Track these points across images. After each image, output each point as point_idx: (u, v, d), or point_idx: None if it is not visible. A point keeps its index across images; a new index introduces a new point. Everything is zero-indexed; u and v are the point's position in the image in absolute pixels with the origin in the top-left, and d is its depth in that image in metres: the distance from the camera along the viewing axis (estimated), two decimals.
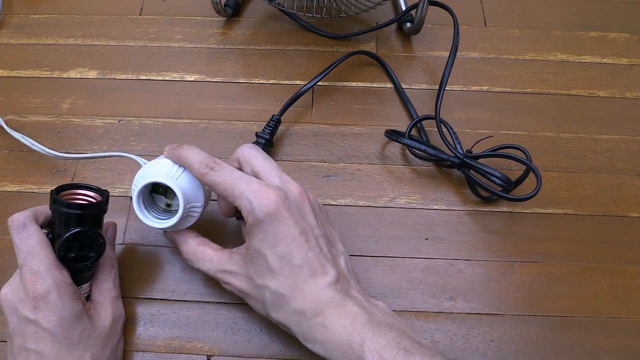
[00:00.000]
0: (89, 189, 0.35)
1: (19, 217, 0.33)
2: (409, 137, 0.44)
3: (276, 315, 0.32)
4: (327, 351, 0.30)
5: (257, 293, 0.33)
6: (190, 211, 0.36)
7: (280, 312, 0.32)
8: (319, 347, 0.30)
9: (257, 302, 0.34)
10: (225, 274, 0.34)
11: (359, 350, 0.28)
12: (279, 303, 0.32)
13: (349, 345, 0.28)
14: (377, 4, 0.49)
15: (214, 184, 0.33)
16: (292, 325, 0.31)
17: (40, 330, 0.31)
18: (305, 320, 0.31)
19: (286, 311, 0.31)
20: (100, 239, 0.34)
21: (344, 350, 0.29)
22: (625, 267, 0.41)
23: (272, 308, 0.32)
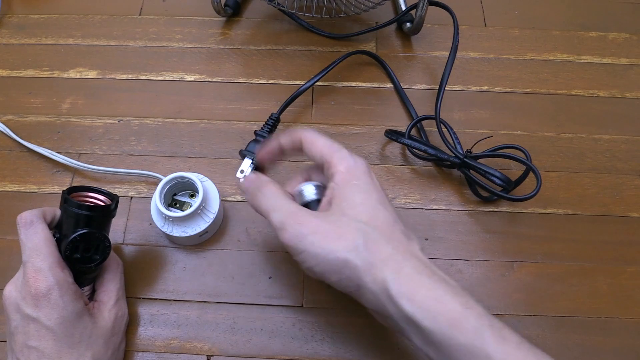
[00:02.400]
0: (100, 193, 0.36)
1: (27, 215, 0.33)
2: (409, 137, 0.44)
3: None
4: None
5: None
6: (203, 211, 0.40)
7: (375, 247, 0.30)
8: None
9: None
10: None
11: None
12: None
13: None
14: (377, 4, 0.49)
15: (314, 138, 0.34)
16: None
17: (41, 328, 0.32)
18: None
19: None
20: (106, 242, 0.35)
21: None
22: (625, 267, 0.41)
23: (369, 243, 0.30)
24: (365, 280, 0.29)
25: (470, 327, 0.27)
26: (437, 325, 0.27)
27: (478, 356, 0.26)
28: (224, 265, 0.41)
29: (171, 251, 0.42)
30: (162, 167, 0.45)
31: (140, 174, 0.44)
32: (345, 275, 0.30)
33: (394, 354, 0.38)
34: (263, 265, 0.41)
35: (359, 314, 0.39)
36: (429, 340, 0.28)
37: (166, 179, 0.40)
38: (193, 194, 0.43)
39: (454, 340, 0.27)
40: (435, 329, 0.27)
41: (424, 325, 0.28)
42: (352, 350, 0.38)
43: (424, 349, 0.29)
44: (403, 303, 0.28)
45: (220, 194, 0.42)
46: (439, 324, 0.27)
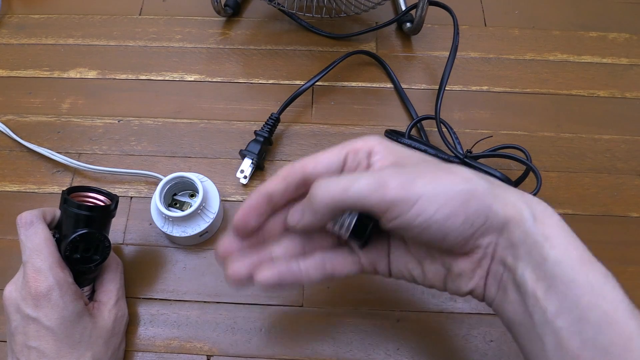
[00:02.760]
0: (99, 193, 0.36)
1: (27, 215, 0.33)
2: (409, 137, 0.44)
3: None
4: None
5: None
6: (203, 211, 0.40)
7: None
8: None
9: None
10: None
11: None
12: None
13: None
14: (377, 4, 0.49)
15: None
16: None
17: (41, 329, 0.32)
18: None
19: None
20: (106, 243, 0.35)
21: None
22: (625, 267, 0.41)
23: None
24: (495, 208, 0.26)
25: (602, 270, 0.25)
26: (566, 257, 0.25)
27: (604, 300, 0.24)
28: None
29: (171, 251, 0.42)
30: (162, 167, 0.45)
31: (140, 174, 0.44)
32: (473, 209, 0.25)
33: (394, 354, 0.38)
34: None
35: (359, 314, 0.39)
36: (547, 274, 0.25)
37: (166, 179, 0.40)
38: (193, 194, 0.43)
39: (582, 276, 0.25)
40: (565, 260, 0.25)
41: (552, 254, 0.25)
42: (352, 350, 0.38)
43: (533, 285, 0.25)
44: (536, 227, 0.25)
45: (220, 194, 0.42)
46: (569, 256, 0.25)
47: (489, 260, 0.27)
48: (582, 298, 0.24)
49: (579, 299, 0.24)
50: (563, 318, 0.24)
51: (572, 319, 0.24)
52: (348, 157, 0.29)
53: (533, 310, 0.25)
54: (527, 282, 0.25)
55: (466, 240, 0.26)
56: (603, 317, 0.24)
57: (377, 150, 0.28)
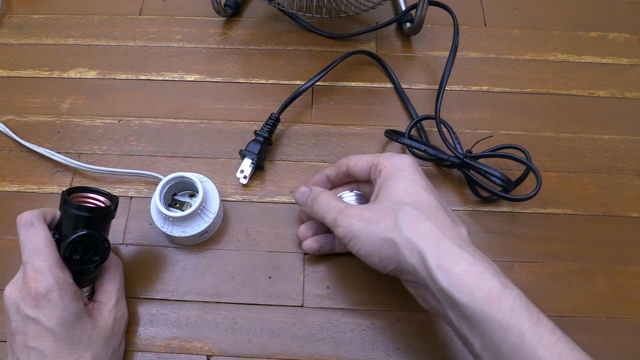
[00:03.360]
0: (99, 194, 0.36)
1: (27, 215, 0.33)
2: (409, 137, 0.44)
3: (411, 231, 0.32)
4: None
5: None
6: (203, 211, 0.40)
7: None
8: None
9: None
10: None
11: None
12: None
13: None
14: (377, 4, 0.49)
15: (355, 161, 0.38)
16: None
17: (41, 329, 0.32)
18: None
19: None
20: (105, 244, 0.35)
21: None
22: (625, 267, 0.41)
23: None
24: (404, 255, 0.31)
25: (508, 305, 0.28)
26: (473, 300, 0.28)
27: (512, 334, 0.27)
28: (224, 265, 0.41)
29: (171, 251, 0.42)
30: (162, 167, 0.45)
31: (140, 174, 0.44)
32: (386, 253, 0.32)
33: (394, 354, 0.38)
34: (263, 265, 0.41)
35: (359, 314, 0.39)
36: (463, 315, 0.28)
37: (166, 179, 0.40)
38: (193, 194, 0.43)
39: (489, 316, 0.27)
40: (471, 304, 0.28)
41: (460, 299, 0.28)
42: (352, 350, 0.38)
43: (458, 323, 0.29)
44: (439, 275, 0.29)
45: (220, 194, 0.42)
46: (475, 299, 0.28)
47: (423, 293, 0.33)
48: (494, 334, 0.28)
49: (492, 335, 0.28)
50: (486, 352, 0.28)
51: (492, 353, 0.28)
52: (372, 167, 0.37)
53: (466, 344, 0.30)
54: (453, 320, 0.30)
55: (394, 274, 0.33)
56: (514, 350, 0.27)
57: (382, 174, 0.35)
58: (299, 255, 0.42)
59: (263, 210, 0.44)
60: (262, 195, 0.44)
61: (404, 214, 0.32)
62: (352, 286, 0.40)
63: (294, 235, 0.42)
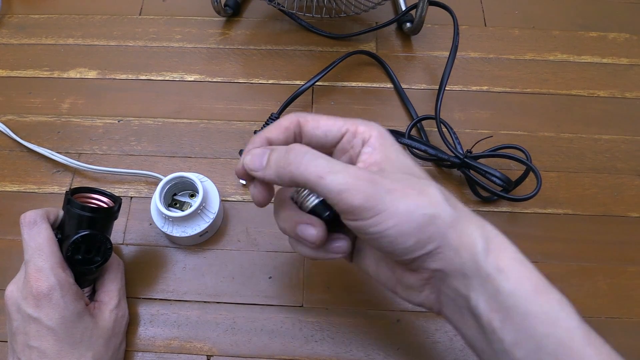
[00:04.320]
0: (103, 194, 0.36)
1: (30, 214, 0.33)
2: (409, 137, 0.44)
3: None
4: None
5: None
6: (203, 211, 0.40)
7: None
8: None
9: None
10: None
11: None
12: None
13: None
14: (377, 4, 0.49)
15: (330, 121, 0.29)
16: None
17: (42, 328, 0.32)
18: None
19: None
20: (108, 244, 0.35)
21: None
22: (625, 267, 0.41)
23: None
24: (449, 237, 0.26)
25: (557, 298, 0.26)
26: (520, 289, 0.25)
27: (559, 328, 0.25)
28: (224, 265, 0.41)
29: (171, 251, 0.42)
30: (162, 167, 0.45)
31: (140, 174, 0.44)
32: (427, 234, 0.26)
33: (394, 354, 0.38)
34: (263, 265, 0.41)
35: (359, 314, 0.39)
36: (502, 305, 0.25)
37: (166, 179, 0.40)
38: (193, 194, 0.43)
39: (536, 306, 0.25)
40: (518, 292, 0.25)
41: (506, 287, 0.25)
42: (352, 350, 0.38)
43: (489, 316, 0.26)
44: (489, 259, 0.26)
45: (220, 194, 0.42)
46: (523, 287, 0.25)
47: (439, 282, 0.28)
48: (537, 328, 0.24)
49: (535, 329, 0.24)
50: (521, 348, 0.25)
51: (529, 349, 0.24)
52: (346, 135, 0.29)
53: (492, 339, 0.26)
54: (482, 313, 0.26)
55: (412, 260, 0.27)
56: (559, 346, 0.24)
57: (372, 142, 0.28)
58: (299, 255, 0.42)
59: (263, 210, 0.43)
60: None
61: (442, 191, 0.27)
62: (352, 286, 0.40)
63: None
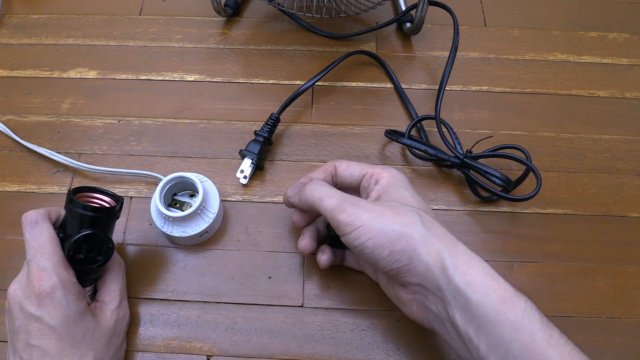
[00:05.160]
0: (105, 194, 0.36)
1: (32, 214, 0.34)
2: (409, 137, 0.44)
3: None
4: None
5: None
6: (203, 211, 0.40)
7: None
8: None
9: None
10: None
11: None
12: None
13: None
14: (377, 4, 0.49)
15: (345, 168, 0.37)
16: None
17: (44, 327, 0.32)
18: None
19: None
20: (110, 244, 0.35)
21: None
22: (625, 267, 0.41)
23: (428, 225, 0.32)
24: (420, 252, 0.30)
25: (520, 306, 0.28)
26: (487, 300, 0.28)
27: (524, 333, 0.27)
28: (224, 265, 0.41)
29: (171, 251, 0.42)
30: (162, 167, 0.45)
31: (140, 174, 0.44)
32: (399, 247, 0.31)
33: (394, 354, 0.38)
34: (263, 265, 0.41)
35: (359, 314, 0.39)
36: (473, 315, 0.28)
37: (166, 179, 0.40)
38: (193, 194, 0.43)
39: (502, 315, 0.28)
40: (485, 303, 0.28)
41: (474, 299, 0.28)
42: (352, 350, 0.38)
43: (464, 325, 0.29)
44: (457, 274, 0.29)
45: (220, 194, 0.42)
46: (489, 298, 0.28)
47: (422, 297, 0.32)
48: (505, 335, 0.28)
49: (502, 335, 0.28)
50: (493, 354, 0.28)
51: (500, 354, 0.28)
52: (366, 176, 0.36)
53: (470, 348, 0.29)
54: (459, 323, 0.29)
55: (397, 273, 0.32)
56: (524, 349, 0.27)
57: (381, 182, 0.35)
58: (299, 255, 0.42)
59: (263, 210, 0.44)
60: (262, 195, 0.44)
61: (419, 215, 0.32)
62: (352, 286, 0.40)
63: (294, 236, 0.42)
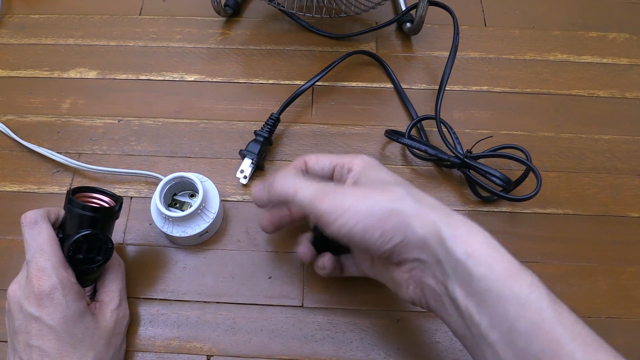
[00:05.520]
0: (104, 194, 0.36)
1: (31, 214, 0.34)
2: (409, 137, 0.44)
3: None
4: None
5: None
6: (203, 211, 0.40)
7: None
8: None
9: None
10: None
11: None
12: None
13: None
14: (377, 4, 0.49)
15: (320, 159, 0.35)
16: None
17: (44, 328, 0.32)
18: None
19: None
20: (109, 244, 0.35)
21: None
22: (625, 267, 0.41)
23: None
24: (413, 226, 0.28)
25: (527, 280, 0.26)
26: (491, 272, 0.26)
27: (530, 310, 0.25)
28: (224, 265, 0.41)
29: (171, 251, 0.42)
30: (162, 167, 0.45)
31: (140, 174, 0.44)
32: (391, 225, 0.28)
33: (394, 354, 0.38)
34: (263, 265, 0.41)
35: (359, 314, 0.39)
36: (475, 289, 0.26)
37: (166, 179, 0.40)
38: (193, 194, 0.43)
39: (507, 290, 0.26)
40: (489, 276, 0.26)
41: (477, 272, 0.26)
42: (352, 350, 0.38)
43: (464, 301, 0.27)
44: (457, 245, 0.27)
45: (220, 194, 0.42)
46: (494, 271, 0.26)
47: (420, 273, 0.29)
48: (509, 310, 0.25)
49: (507, 311, 0.25)
50: (495, 331, 0.26)
51: (503, 331, 0.25)
52: (337, 167, 0.34)
53: (470, 324, 0.27)
54: (458, 298, 0.27)
55: (391, 252, 0.29)
56: (531, 327, 0.25)
57: (354, 169, 0.33)
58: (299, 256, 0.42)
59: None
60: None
61: (407, 189, 0.29)
62: (352, 286, 0.40)
63: (294, 235, 0.42)
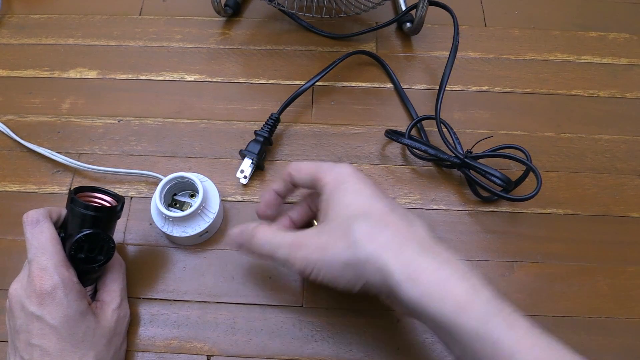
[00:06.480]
0: (106, 194, 0.36)
1: (33, 213, 0.34)
2: (409, 137, 0.44)
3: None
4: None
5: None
6: (203, 211, 0.40)
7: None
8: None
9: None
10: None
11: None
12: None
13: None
14: (377, 4, 0.49)
15: (299, 169, 0.36)
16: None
17: (45, 327, 0.32)
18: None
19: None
20: (111, 243, 0.35)
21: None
22: (625, 267, 0.41)
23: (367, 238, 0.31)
24: (367, 274, 0.29)
25: (477, 312, 0.27)
26: (443, 310, 0.27)
27: (486, 342, 0.26)
28: (224, 265, 0.41)
29: (171, 251, 0.42)
30: (162, 167, 0.45)
31: (140, 174, 0.44)
32: (350, 275, 0.30)
33: (394, 354, 0.38)
34: (263, 265, 0.41)
35: (359, 314, 0.39)
36: (437, 325, 0.28)
37: (166, 179, 0.40)
38: (193, 194, 0.43)
39: (460, 325, 0.27)
40: (442, 314, 0.27)
41: (430, 310, 0.27)
42: (352, 350, 0.38)
43: (436, 332, 0.29)
44: (407, 288, 0.28)
45: (220, 194, 0.42)
46: (444, 308, 0.27)
47: (398, 305, 0.31)
48: (469, 343, 0.27)
49: (468, 343, 0.27)
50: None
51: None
52: (314, 181, 0.35)
53: (449, 350, 0.30)
54: (432, 330, 0.30)
55: (364, 291, 0.31)
56: (491, 359, 0.26)
57: (325, 190, 0.33)
58: None
59: None
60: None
61: (358, 229, 0.30)
62: None
63: None
